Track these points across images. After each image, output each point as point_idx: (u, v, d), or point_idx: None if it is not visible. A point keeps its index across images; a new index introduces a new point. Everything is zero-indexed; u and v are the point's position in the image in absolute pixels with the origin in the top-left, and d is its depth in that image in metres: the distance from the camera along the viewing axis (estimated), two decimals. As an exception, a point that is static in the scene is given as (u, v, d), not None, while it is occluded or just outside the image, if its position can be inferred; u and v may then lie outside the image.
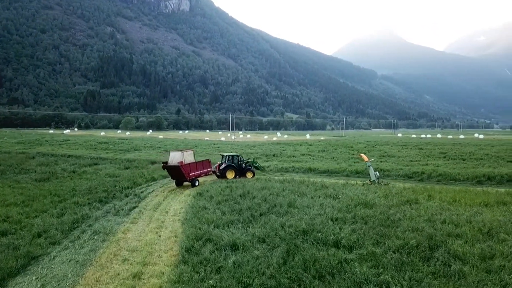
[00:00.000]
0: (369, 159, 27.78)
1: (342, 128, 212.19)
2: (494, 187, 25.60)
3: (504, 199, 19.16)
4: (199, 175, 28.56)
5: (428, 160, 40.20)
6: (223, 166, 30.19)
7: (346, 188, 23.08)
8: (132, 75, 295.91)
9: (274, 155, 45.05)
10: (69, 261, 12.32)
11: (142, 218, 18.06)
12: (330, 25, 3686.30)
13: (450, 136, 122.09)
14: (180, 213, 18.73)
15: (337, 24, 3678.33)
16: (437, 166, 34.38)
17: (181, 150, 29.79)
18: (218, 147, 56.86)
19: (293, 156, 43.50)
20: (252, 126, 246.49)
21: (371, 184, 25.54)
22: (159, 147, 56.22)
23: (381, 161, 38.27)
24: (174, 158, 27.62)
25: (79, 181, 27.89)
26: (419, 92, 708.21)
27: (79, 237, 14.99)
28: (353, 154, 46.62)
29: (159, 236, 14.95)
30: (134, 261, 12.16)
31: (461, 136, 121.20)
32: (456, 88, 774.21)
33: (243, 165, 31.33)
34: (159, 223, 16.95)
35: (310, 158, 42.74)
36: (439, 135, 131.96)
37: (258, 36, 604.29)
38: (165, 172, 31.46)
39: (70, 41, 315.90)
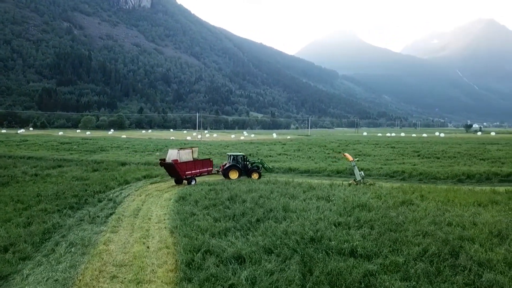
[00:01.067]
0: (353, 159, 27.29)
1: (307, 127, 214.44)
2: (475, 185, 25.77)
3: (495, 198, 19.11)
4: (197, 174, 28.09)
5: (403, 158, 40.53)
6: (227, 166, 29.45)
7: (334, 189, 22.42)
8: (91, 72, 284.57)
9: (250, 155, 43.88)
10: (46, 280, 10.60)
11: (123, 226, 16.41)
12: (292, 26, 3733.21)
13: (414, 135, 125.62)
14: (165, 220, 17.20)
15: (299, 24, 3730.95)
16: (414, 165, 34.57)
17: (178, 148, 29.31)
18: (191, 147, 54.70)
19: (270, 156, 42.56)
20: (217, 125, 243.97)
21: (357, 184, 25.01)
22: (127, 147, 53.36)
23: (358, 160, 38.00)
24: (171, 156, 27.48)
25: (44, 185, 25.51)
26: (378, 92, 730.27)
27: (54, 251, 13.19)
28: (328, 154, 46.33)
29: (148, 248, 13.42)
30: (125, 278, 10.63)
31: (424, 135, 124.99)
32: (412, 88, 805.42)
33: (249, 165, 30.33)
34: (143, 232, 15.37)
35: (287, 157, 41.99)
36: (402, 134, 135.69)
37: (221, 35, 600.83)
38: (139, 174, 29.80)
39: (23, 36, 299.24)
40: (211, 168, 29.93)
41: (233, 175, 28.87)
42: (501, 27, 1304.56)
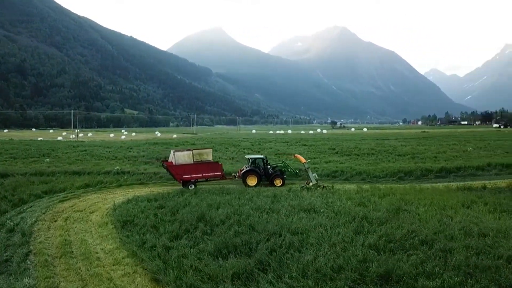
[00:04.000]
0: (306, 161, 25.19)
1: (187, 125, 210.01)
2: (417, 183, 26.03)
3: (469, 197, 18.93)
4: (200, 179, 25.05)
5: (325, 156, 39.98)
6: (244, 170, 25.49)
7: (298, 195, 19.88)
8: None
9: (165, 159, 38.61)
10: None
11: (62, 275, 11.09)
12: (163, 20, 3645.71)
13: (302, 132, 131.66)
14: (124, 258, 12.14)
15: (170, 19, 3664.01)
16: (342, 163, 34.22)
17: (175, 149, 26.68)
18: (85, 150, 45.54)
19: (189, 158, 37.89)
20: (88, 123, 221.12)
21: (313, 187, 22.89)
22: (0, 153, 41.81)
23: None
24: (170, 157, 25.70)
25: None
26: (251, 90, 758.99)
27: None
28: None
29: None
30: None
31: (310, 132, 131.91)
32: (281, 87, 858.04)
33: (270, 170, 26.13)
34: (106, 284, 10.39)
35: (207, 159, 38.02)
36: (289, 131, 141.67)
37: (86, 25, 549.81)
38: (37, 190, 23.15)
39: None
40: (220, 173, 25.56)
41: (251, 181, 25.08)
42: (352, 35, 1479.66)
